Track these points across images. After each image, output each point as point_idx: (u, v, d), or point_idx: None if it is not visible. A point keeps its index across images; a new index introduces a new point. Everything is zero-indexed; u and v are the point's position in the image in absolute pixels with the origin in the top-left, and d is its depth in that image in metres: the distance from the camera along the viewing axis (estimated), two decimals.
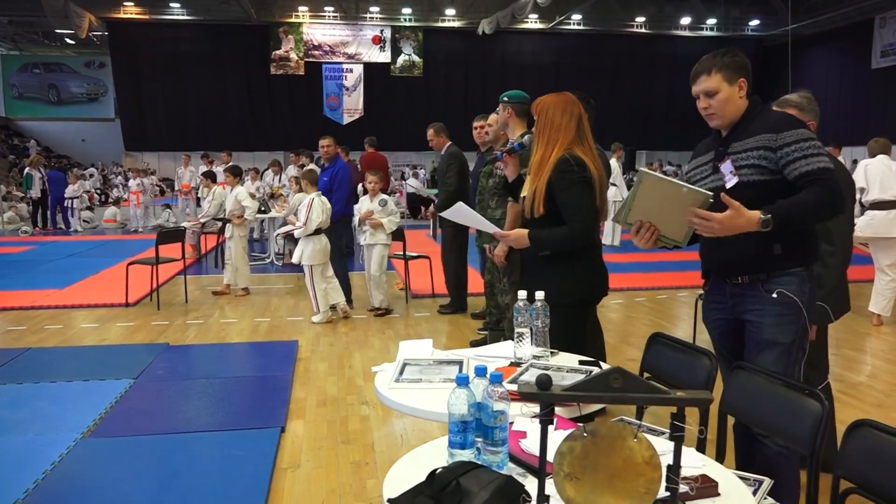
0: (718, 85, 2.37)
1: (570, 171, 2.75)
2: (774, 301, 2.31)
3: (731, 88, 2.38)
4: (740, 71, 2.38)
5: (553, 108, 2.84)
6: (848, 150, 18.20)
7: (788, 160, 2.25)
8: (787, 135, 2.26)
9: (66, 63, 30.66)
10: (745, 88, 2.39)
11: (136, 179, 15.39)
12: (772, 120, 2.34)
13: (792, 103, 2.94)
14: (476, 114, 6.10)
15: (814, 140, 2.27)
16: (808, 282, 2.34)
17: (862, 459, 1.74)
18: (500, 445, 1.62)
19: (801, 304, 2.31)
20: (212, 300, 7.50)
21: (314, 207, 6.34)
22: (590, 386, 1.40)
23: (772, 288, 2.32)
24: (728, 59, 2.38)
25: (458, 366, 2.34)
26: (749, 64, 2.43)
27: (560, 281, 2.80)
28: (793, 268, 2.32)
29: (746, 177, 2.31)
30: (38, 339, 5.92)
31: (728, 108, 2.39)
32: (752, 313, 2.37)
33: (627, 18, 26.31)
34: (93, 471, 3.39)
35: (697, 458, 1.73)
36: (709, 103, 2.40)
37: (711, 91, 2.38)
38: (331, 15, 26.68)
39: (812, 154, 2.23)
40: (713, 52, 2.45)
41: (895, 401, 4.41)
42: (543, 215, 2.78)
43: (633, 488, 1.37)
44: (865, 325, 6.31)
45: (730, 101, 2.38)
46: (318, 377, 4.89)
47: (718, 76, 2.37)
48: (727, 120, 2.42)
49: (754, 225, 2.18)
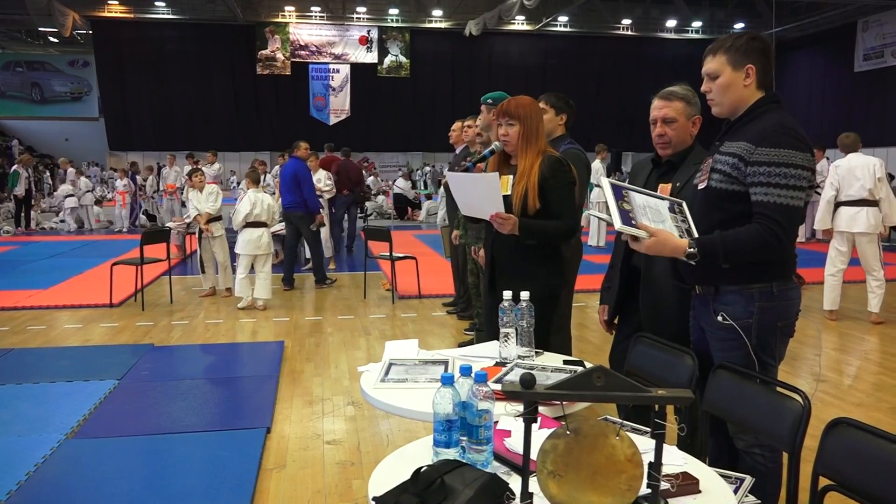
0: (720, 67, 2.16)
1: (564, 172, 2.88)
2: (718, 324, 2.18)
3: (734, 74, 2.14)
4: (751, 56, 2.13)
5: (536, 115, 2.91)
6: (832, 153, 18.36)
7: (752, 181, 2.06)
8: (762, 152, 2.05)
9: (49, 61, 30.35)
10: (753, 76, 2.14)
11: (122, 179, 15.30)
12: (762, 126, 2.10)
13: (678, 95, 2.71)
14: (463, 115, 6.14)
15: (789, 167, 2.02)
16: (757, 300, 2.13)
17: (841, 457, 1.77)
18: (484, 444, 1.64)
19: (745, 329, 2.12)
20: (197, 301, 7.46)
21: (242, 201, 7.09)
22: (573, 385, 1.42)
23: (718, 308, 2.18)
24: (740, 42, 2.15)
25: (443, 366, 2.36)
26: (768, 49, 2.16)
27: (547, 273, 2.91)
28: (741, 283, 2.13)
29: (716, 182, 2.16)
30: (21, 340, 5.87)
31: (728, 96, 2.17)
32: (706, 331, 2.28)
33: (614, 21, 26.43)
34: (77, 472, 3.37)
35: (679, 455, 1.75)
36: (710, 87, 2.19)
37: (712, 73, 2.18)
38: (317, 15, 26.61)
39: (777, 184, 2.02)
40: (733, 33, 2.24)
41: (876, 400, 4.47)
42: (535, 212, 2.85)
43: (615, 485, 1.38)
44: (849, 326, 6.40)
45: (731, 87, 2.16)
46: (304, 377, 4.89)
47: (723, 58, 2.16)
48: (727, 108, 2.20)
49: (678, 253, 2.06)
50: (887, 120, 22.02)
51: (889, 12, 21.76)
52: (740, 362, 2.16)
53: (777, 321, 2.17)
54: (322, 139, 10.25)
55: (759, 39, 2.16)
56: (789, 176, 2.02)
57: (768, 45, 2.17)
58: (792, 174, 2.02)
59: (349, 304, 7.39)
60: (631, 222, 2.05)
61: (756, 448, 2.19)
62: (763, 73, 2.15)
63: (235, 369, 5.23)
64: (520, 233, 2.80)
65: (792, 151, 2.03)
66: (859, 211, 6.34)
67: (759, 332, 2.15)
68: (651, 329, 2.65)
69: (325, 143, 11.14)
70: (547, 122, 3.70)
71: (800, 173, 2.03)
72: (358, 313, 6.93)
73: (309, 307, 7.23)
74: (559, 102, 3.74)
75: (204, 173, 8.04)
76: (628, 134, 26.20)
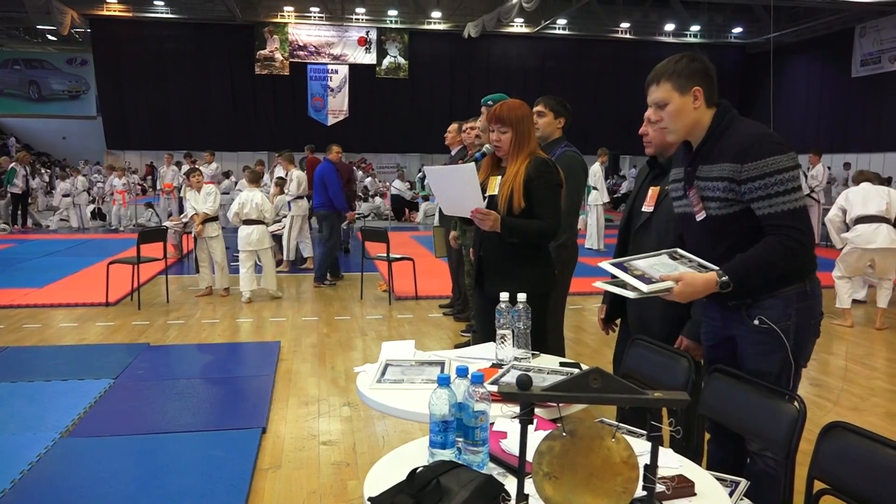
0: (667, 95, 2.14)
1: (549, 173, 2.90)
2: (755, 329, 2.14)
3: (683, 99, 2.13)
4: (695, 78, 2.13)
5: (527, 119, 2.93)
6: (828, 158, 18.43)
7: (752, 198, 2.05)
8: (752, 167, 2.03)
9: (47, 60, 30.32)
10: (701, 98, 2.13)
11: (121, 178, 15.27)
12: (738, 142, 2.08)
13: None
14: (461, 117, 6.14)
15: (780, 173, 2.02)
16: (795, 302, 2.13)
17: (835, 461, 1.77)
18: (480, 445, 1.64)
19: (784, 332, 2.11)
20: (193, 300, 7.45)
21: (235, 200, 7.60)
22: (569, 386, 1.42)
23: (753, 313, 2.14)
24: (681, 66, 2.13)
25: (439, 367, 2.36)
26: (709, 68, 2.16)
27: (537, 274, 2.93)
28: (780, 289, 2.12)
29: (715, 211, 2.13)
30: (16, 339, 5.86)
31: (680, 122, 2.15)
32: (738, 338, 2.23)
33: (612, 24, 26.48)
34: (71, 471, 3.36)
35: (675, 458, 1.75)
36: (660, 116, 2.17)
37: (660, 102, 2.16)
38: (316, 16, 26.61)
39: (776, 193, 2.02)
40: (672, 56, 2.19)
41: (871, 405, 4.48)
42: (521, 211, 2.87)
43: (611, 487, 1.38)
44: (843, 331, 6.41)
45: (682, 112, 2.14)
46: (300, 378, 4.88)
47: (667, 85, 2.14)
48: (683, 134, 2.20)
49: (713, 287, 2.04)
50: (884, 125, 22.10)
51: (886, 18, 21.84)
52: (776, 366, 2.15)
53: (811, 320, 2.18)
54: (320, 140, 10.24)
55: (698, 60, 2.16)
56: (785, 182, 2.02)
57: (708, 64, 2.18)
58: (786, 179, 2.03)
59: (346, 304, 7.39)
60: (652, 281, 2.06)
61: (769, 451, 2.18)
62: (709, 91, 2.15)
63: (231, 369, 5.23)
64: (501, 230, 2.82)
65: (777, 157, 2.03)
66: (878, 227, 6.33)
67: (797, 333, 2.14)
68: (638, 330, 2.69)
69: (306, 145, 11.02)
70: (546, 125, 3.72)
71: (792, 175, 2.04)
72: (354, 314, 6.92)
73: (305, 307, 7.22)
74: (558, 106, 3.75)
75: (202, 173, 8.04)
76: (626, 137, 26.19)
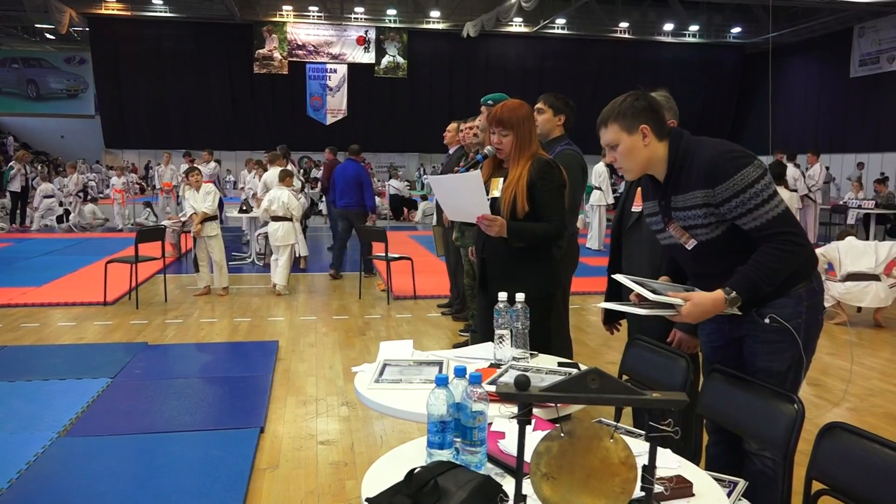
0: (616, 136, 2.17)
1: (552, 174, 2.87)
2: (766, 328, 2.15)
3: (631, 138, 2.16)
4: (641, 116, 2.15)
5: (528, 121, 2.90)
6: (826, 158, 18.44)
7: (734, 216, 2.08)
8: (724, 188, 2.05)
9: (45, 58, 30.30)
10: (650, 134, 2.15)
11: (120, 177, 15.25)
12: (703, 167, 2.09)
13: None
14: (459, 116, 6.13)
15: (754, 185, 2.03)
16: (805, 299, 2.15)
17: (834, 461, 1.77)
18: (478, 446, 1.63)
19: (795, 329, 2.12)
20: (191, 300, 7.45)
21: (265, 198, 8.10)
22: (567, 387, 1.42)
23: (764, 312, 2.14)
24: (625, 106, 2.16)
25: (438, 367, 2.35)
26: (653, 104, 2.19)
27: (539, 274, 2.91)
28: (791, 288, 2.13)
29: (703, 237, 2.15)
30: (14, 338, 5.85)
31: (633, 160, 2.19)
32: (747, 338, 2.23)
33: (611, 24, 26.49)
34: (69, 470, 3.35)
35: (673, 459, 1.75)
36: (613, 157, 2.21)
37: (611, 143, 2.19)
38: (315, 15, 26.60)
39: (755, 206, 2.03)
40: (617, 98, 2.22)
41: (869, 405, 4.48)
42: (525, 214, 2.84)
43: (609, 488, 1.38)
44: (842, 331, 6.41)
45: (633, 151, 2.17)
46: (298, 377, 4.88)
47: (615, 127, 2.17)
48: (639, 172, 2.23)
49: (722, 305, 2.05)
50: (883, 125, 22.14)
51: (885, 18, 21.86)
52: (787, 364, 2.17)
53: (817, 315, 2.21)
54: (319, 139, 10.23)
55: (641, 98, 2.17)
56: (759, 192, 2.03)
57: (652, 99, 2.20)
58: (760, 189, 2.03)
59: (344, 304, 7.39)
60: (660, 294, 2.08)
61: (767, 452, 2.18)
62: (658, 126, 2.17)
63: (229, 369, 5.22)
64: (507, 235, 2.80)
65: (744, 171, 2.04)
66: (868, 285, 6.29)
67: (807, 329, 2.17)
68: (634, 329, 2.72)
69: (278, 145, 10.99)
70: (545, 122, 3.69)
71: (765, 183, 2.04)
72: (353, 313, 6.92)
73: (304, 307, 7.22)
74: (558, 103, 3.70)
75: (201, 172, 8.02)
76: None
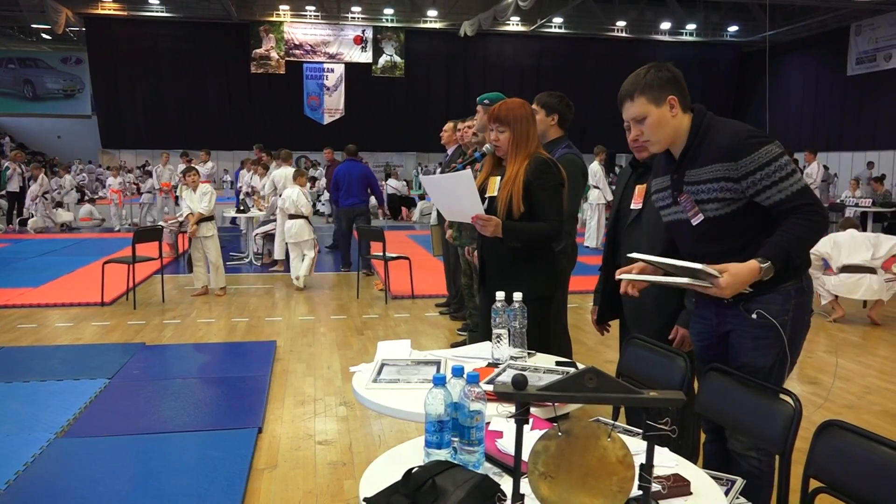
0: (644, 109, 2.14)
1: (549, 173, 2.86)
2: (753, 323, 2.14)
3: (660, 110, 2.13)
4: (667, 87, 2.13)
5: (526, 119, 2.88)
6: (823, 156, 18.46)
7: (757, 189, 2.07)
8: (748, 161, 2.05)
9: (42, 58, 30.21)
10: (677, 106, 2.15)
11: (117, 178, 15.22)
12: (726, 141, 2.09)
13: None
14: (457, 115, 6.13)
15: (777, 159, 2.04)
16: (793, 297, 2.16)
17: (831, 459, 1.77)
18: (476, 445, 1.63)
19: (782, 327, 2.12)
20: (189, 300, 7.44)
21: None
22: (564, 386, 1.42)
23: (752, 308, 2.14)
24: (651, 78, 2.14)
25: (435, 366, 2.35)
26: (678, 76, 2.17)
27: (535, 275, 2.88)
28: (779, 284, 2.12)
29: (712, 212, 2.14)
30: (11, 339, 5.84)
31: (662, 132, 2.16)
32: (733, 333, 2.24)
33: (608, 22, 26.48)
34: (66, 471, 3.35)
35: (670, 457, 1.75)
36: (640, 130, 2.19)
37: (638, 117, 2.16)
38: (312, 14, 26.56)
39: (781, 178, 2.04)
40: (637, 70, 2.19)
41: (867, 402, 4.49)
42: (521, 214, 2.84)
43: (607, 487, 1.38)
44: (839, 328, 6.43)
45: (661, 123, 2.14)
46: (296, 378, 4.87)
47: (642, 99, 2.14)
48: (666, 144, 2.20)
49: (756, 275, 2.02)
50: (879, 123, 22.15)
51: (882, 16, 21.88)
52: (771, 360, 2.18)
53: (805, 315, 2.21)
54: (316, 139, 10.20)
55: (664, 69, 2.15)
56: (782, 167, 2.05)
57: (676, 72, 2.17)
58: (783, 164, 2.05)
59: (342, 304, 7.38)
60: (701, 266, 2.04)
61: (753, 451, 2.19)
62: (683, 98, 2.16)
63: (227, 369, 5.21)
64: (503, 235, 2.79)
65: (767, 148, 2.06)
66: (862, 278, 6.29)
67: (793, 328, 2.17)
68: (636, 327, 2.70)
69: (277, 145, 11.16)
70: (538, 122, 3.68)
71: (786, 160, 2.07)
72: (350, 313, 6.92)
73: (301, 307, 7.21)
74: (551, 100, 3.67)
75: (199, 172, 8.00)
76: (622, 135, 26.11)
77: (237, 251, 10.81)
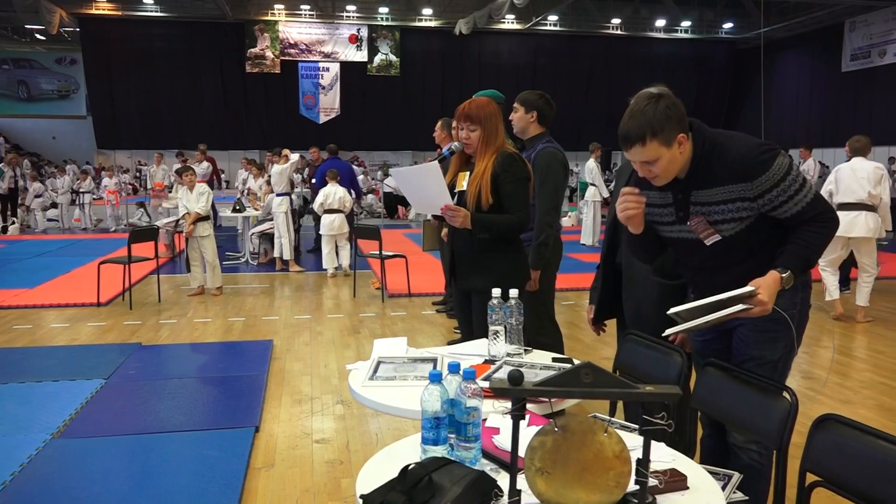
0: (656, 153, 2.03)
1: (516, 167, 2.95)
2: (764, 317, 2.11)
3: (671, 151, 2.04)
4: (678, 127, 2.03)
5: (495, 116, 2.96)
6: (818, 152, 18.51)
7: (774, 205, 2.07)
8: (764, 180, 2.03)
9: (36, 59, 30.11)
10: (686, 141, 2.06)
11: (113, 178, 15.19)
12: (738, 162, 2.06)
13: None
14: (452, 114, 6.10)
15: (790, 172, 2.05)
16: (800, 290, 2.19)
17: (827, 453, 1.77)
18: (472, 441, 1.64)
19: (791, 319, 2.14)
20: (185, 300, 7.43)
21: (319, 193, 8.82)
22: (561, 381, 1.42)
23: None
24: (659, 117, 2.00)
25: (432, 363, 2.35)
26: (680, 106, 2.05)
27: (507, 267, 2.98)
28: None
29: (728, 232, 2.13)
30: (7, 340, 5.82)
31: (673, 170, 2.10)
32: (741, 327, 2.24)
33: (603, 20, 26.51)
34: (63, 472, 3.34)
35: (667, 452, 1.75)
36: (649, 170, 2.10)
37: (650, 160, 2.06)
38: (307, 13, 26.54)
39: (796, 191, 2.06)
40: (637, 104, 2.04)
41: (863, 397, 4.50)
42: (489, 207, 2.91)
43: (603, 482, 1.38)
44: (835, 323, 6.44)
45: (673, 162, 2.07)
46: (293, 376, 4.87)
47: (654, 143, 2.02)
48: (674, 174, 2.13)
49: (779, 285, 2.04)
50: (874, 119, 22.20)
51: (876, 13, 21.95)
52: (779, 352, 2.22)
53: (807, 307, 2.27)
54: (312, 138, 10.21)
55: (671, 105, 2.02)
56: (794, 180, 2.06)
57: (677, 101, 2.06)
58: (795, 176, 2.06)
59: (338, 302, 7.38)
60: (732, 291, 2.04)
61: (752, 445, 2.19)
62: (686, 128, 2.07)
63: (224, 368, 5.20)
64: (472, 226, 2.87)
65: (778, 162, 2.05)
66: (858, 215, 6.26)
67: (799, 320, 2.22)
68: (635, 325, 2.70)
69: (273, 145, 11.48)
70: (518, 120, 3.70)
71: (797, 171, 2.09)
72: (347, 312, 6.91)
73: (298, 306, 7.21)
74: (530, 97, 3.68)
75: (195, 172, 7.98)
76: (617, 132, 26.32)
77: (234, 251, 10.80)
